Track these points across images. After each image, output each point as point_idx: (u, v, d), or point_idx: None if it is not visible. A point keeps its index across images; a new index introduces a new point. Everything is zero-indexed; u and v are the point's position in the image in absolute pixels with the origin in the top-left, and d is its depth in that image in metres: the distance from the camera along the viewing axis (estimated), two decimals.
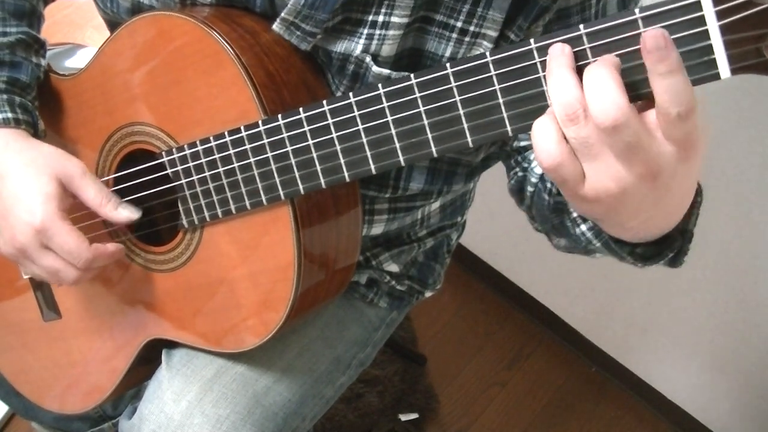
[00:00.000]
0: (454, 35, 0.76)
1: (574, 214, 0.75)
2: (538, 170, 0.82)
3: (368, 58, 0.76)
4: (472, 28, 0.75)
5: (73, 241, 0.79)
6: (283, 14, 0.76)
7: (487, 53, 0.58)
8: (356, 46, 0.77)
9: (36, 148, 0.82)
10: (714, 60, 0.51)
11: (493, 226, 1.87)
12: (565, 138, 0.54)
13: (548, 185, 0.79)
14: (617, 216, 0.60)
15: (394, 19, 0.75)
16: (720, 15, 0.49)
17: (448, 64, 0.60)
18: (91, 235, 0.89)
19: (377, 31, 0.76)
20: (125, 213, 0.82)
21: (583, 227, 0.74)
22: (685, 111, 0.51)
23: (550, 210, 0.79)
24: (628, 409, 1.83)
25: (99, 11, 0.91)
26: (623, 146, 0.53)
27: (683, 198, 0.62)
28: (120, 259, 0.91)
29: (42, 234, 0.79)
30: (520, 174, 0.86)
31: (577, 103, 0.53)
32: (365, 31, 0.76)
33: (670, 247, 0.69)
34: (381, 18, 0.75)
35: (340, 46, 0.77)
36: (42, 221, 0.78)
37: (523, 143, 0.84)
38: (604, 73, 0.52)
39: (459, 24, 0.75)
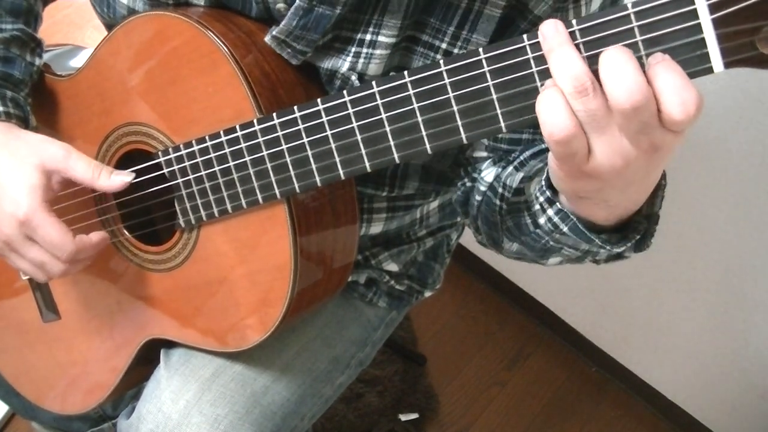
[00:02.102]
0: (438, 56, 0.77)
1: (539, 203, 0.73)
2: (488, 179, 0.83)
3: (354, 77, 0.77)
4: (455, 51, 0.76)
5: (56, 233, 0.78)
6: (274, 32, 0.77)
7: (481, 49, 0.58)
8: (343, 64, 0.78)
9: (20, 138, 0.82)
10: (707, 54, 0.51)
11: None
12: (573, 111, 0.54)
13: (500, 191, 0.80)
14: (611, 190, 0.60)
15: (381, 38, 0.75)
16: (712, 8, 0.49)
17: (441, 61, 0.60)
18: (84, 223, 0.89)
19: (364, 50, 0.77)
20: (119, 179, 0.80)
21: (550, 212, 0.72)
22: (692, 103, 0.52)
23: (503, 214, 0.80)
24: (628, 409, 1.83)
25: (97, 14, 0.92)
26: (639, 126, 0.53)
27: (660, 172, 0.63)
28: (118, 258, 0.91)
29: (26, 226, 0.78)
30: (468, 185, 0.86)
31: (584, 76, 0.53)
32: (353, 49, 0.77)
33: (635, 230, 0.69)
34: (369, 36, 0.76)
35: (327, 63, 0.79)
36: (26, 213, 0.77)
37: (476, 154, 0.85)
38: (622, 55, 0.52)
39: (444, 45, 0.76)
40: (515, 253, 0.85)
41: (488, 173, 0.83)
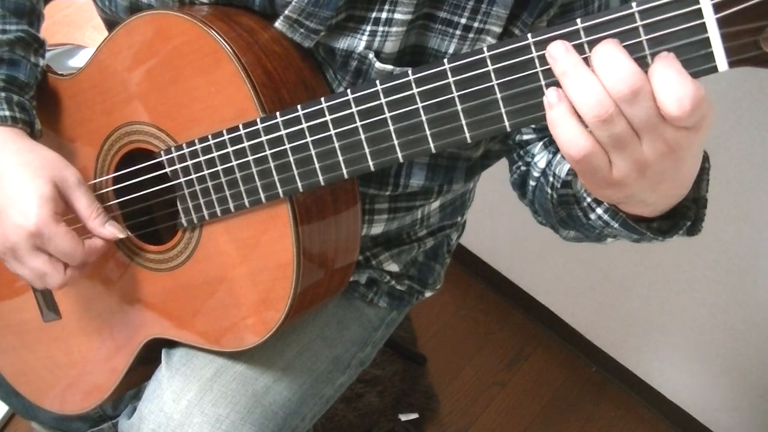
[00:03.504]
0: (458, 32, 0.76)
1: (587, 201, 0.75)
2: (541, 164, 0.82)
3: (371, 55, 0.77)
4: (476, 25, 0.75)
5: (69, 242, 0.79)
6: (287, 12, 0.76)
7: (485, 48, 0.58)
8: (359, 43, 0.77)
9: (34, 150, 0.82)
10: (711, 53, 0.51)
11: (493, 226, 1.87)
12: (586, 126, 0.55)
13: (551, 179, 0.79)
14: (641, 193, 0.61)
15: (397, 15, 0.75)
16: (717, 8, 0.50)
17: (445, 60, 0.60)
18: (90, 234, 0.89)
19: (380, 28, 0.76)
20: (110, 230, 0.83)
21: (599, 210, 0.74)
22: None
23: (555, 204, 0.80)
24: (628, 409, 1.83)
25: (98, 10, 0.91)
26: (645, 116, 0.53)
27: (695, 164, 0.63)
28: (119, 258, 0.91)
29: (37, 237, 0.79)
30: (523, 168, 0.86)
31: (608, 102, 0.53)
32: (368, 28, 0.76)
33: (685, 216, 0.71)
34: (384, 15, 0.75)
35: (343, 43, 0.77)
36: (37, 225, 0.78)
37: (525, 137, 0.84)
38: (610, 47, 0.53)
39: (463, 21, 0.75)
40: (573, 238, 0.85)
41: (541, 158, 0.83)
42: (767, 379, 1.58)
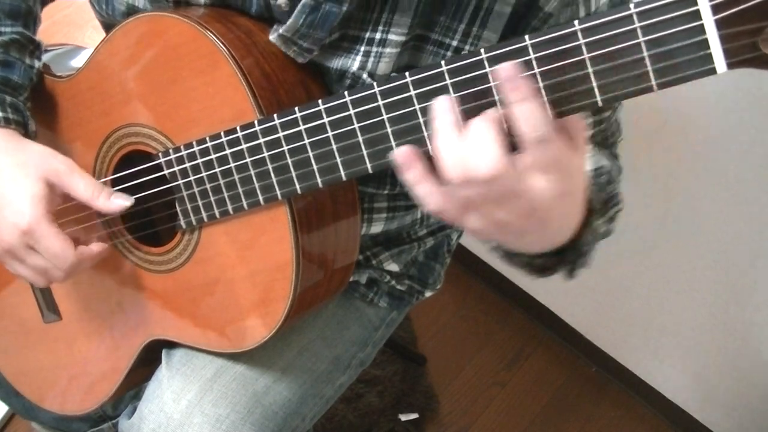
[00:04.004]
0: (449, 53, 0.77)
1: None
2: None
3: (365, 75, 0.77)
4: (466, 47, 0.76)
5: (58, 244, 0.79)
6: (281, 31, 0.77)
7: (482, 50, 0.58)
8: (353, 63, 0.77)
9: (25, 148, 0.82)
10: (710, 55, 0.51)
11: None
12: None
13: None
14: (503, 240, 0.67)
15: (391, 36, 0.75)
16: (715, 9, 0.49)
17: (443, 62, 0.60)
18: (85, 224, 0.89)
19: (374, 49, 0.76)
20: (118, 201, 0.82)
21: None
22: (543, 135, 0.56)
23: None
24: (628, 409, 1.83)
25: (95, 13, 0.91)
26: (500, 194, 0.57)
27: (567, 222, 0.67)
28: (119, 260, 0.91)
29: (28, 236, 0.79)
30: None
31: (460, 171, 0.57)
32: (362, 48, 0.77)
33: (564, 260, 0.75)
34: (378, 35, 0.76)
35: (336, 63, 0.78)
36: (29, 223, 0.78)
37: None
38: (484, 127, 0.57)
39: (454, 43, 0.76)
40: None
41: None
42: (767, 379, 1.58)
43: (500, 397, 1.81)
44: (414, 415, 1.72)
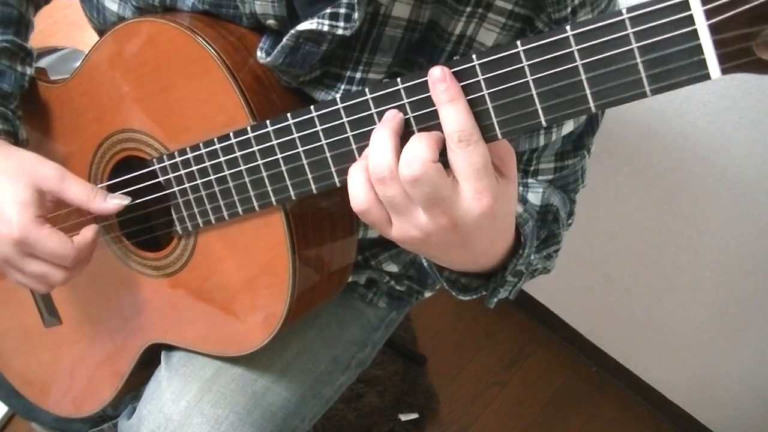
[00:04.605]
0: None
1: None
2: None
3: None
4: None
5: (57, 242, 0.78)
6: (262, 62, 0.77)
7: (474, 56, 0.57)
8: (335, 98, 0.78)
9: (11, 155, 0.81)
10: (704, 60, 0.50)
11: None
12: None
13: None
14: (427, 253, 0.67)
15: (371, 76, 0.76)
16: (708, 14, 0.48)
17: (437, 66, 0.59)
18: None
19: (354, 87, 0.77)
20: (115, 201, 0.80)
21: None
22: (466, 135, 0.57)
23: None
24: (628, 409, 1.82)
25: (88, 21, 0.91)
26: (425, 198, 0.58)
27: (491, 245, 0.68)
28: (117, 265, 0.91)
29: (23, 244, 0.77)
30: None
31: (386, 168, 0.59)
32: (342, 86, 0.77)
33: (487, 284, 0.77)
34: (359, 75, 0.76)
35: (319, 95, 0.79)
36: (19, 231, 0.77)
37: None
38: (417, 136, 0.59)
39: None
40: None
41: None
42: (767, 379, 1.58)
43: (500, 397, 1.81)
44: (414, 415, 1.72)
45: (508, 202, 0.63)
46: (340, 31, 0.71)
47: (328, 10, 0.71)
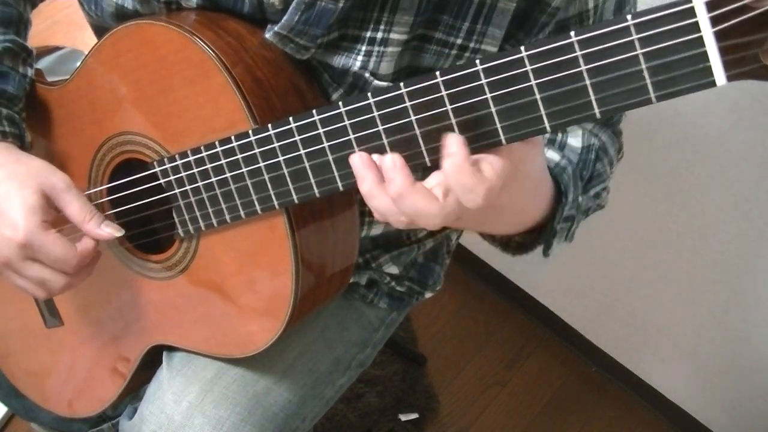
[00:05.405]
0: (453, 52, 0.76)
1: None
2: None
3: (367, 74, 0.76)
4: (471, 45, 0.76)
5: (61, 248, 0.78)
6: (276, 28, 0.75)
7: (477, 61, 0.57)
8: (354, 63, 0.76)
9: (21, 161, 0.81)
10: (709, 67, 0.49)
11: None
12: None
13: None
14: (466, 228, 0.70)
15: (393, 35, 0.74)
16: (714, 21, 0.48)
17: (437, 72, 0.59)
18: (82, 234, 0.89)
19: (376, 48, 0.75)
20: (108, 230, 0.80)
21: None
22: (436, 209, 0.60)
23: None
24: (628, 409, 1.83)
25: (84, 14, 0.90)
26: (412, 212, 0.60)
27: (525, 205, 0.70)
28: (119, 267, 0.91)
29: (27, 248, 0.78)
30: None
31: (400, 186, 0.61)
32: (363, 48, 0.76)
33: (539, 238, 0.77)
34: (380, 35, 0.75)
35: (337, 61, 0.77)
36: (25, 236, 0.77)
37: None
38: (392, 158, 0.61)
39: (459, 41, 0.75)
40: None
41: None
42: (767, 379, 1.58)
43: (500, 397, 1.82)
44: (414, 415, 1.72)
45: (535, 165, 0.64)
46: None
47: None
